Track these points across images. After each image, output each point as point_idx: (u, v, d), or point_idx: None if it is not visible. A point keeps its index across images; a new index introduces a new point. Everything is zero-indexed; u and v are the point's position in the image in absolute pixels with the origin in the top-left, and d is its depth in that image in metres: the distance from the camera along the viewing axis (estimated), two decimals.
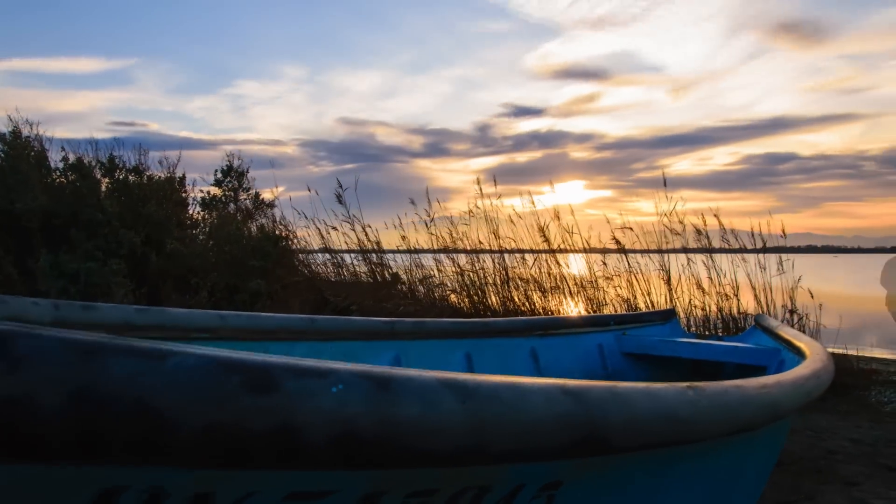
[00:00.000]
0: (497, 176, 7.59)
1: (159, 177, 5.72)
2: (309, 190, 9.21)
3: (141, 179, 5.22)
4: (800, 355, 2.95)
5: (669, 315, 4.49)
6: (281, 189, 8.56)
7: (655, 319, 4.40)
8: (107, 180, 5.04)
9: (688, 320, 6.42)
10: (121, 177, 5.13)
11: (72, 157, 4.99)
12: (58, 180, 4.76)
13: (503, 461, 0.73)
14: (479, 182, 7.43)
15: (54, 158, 5.14)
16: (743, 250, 6.84)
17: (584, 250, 7.56)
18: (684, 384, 1.10)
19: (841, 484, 3.18)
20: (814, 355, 2.32)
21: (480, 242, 7.80)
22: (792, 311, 6.04)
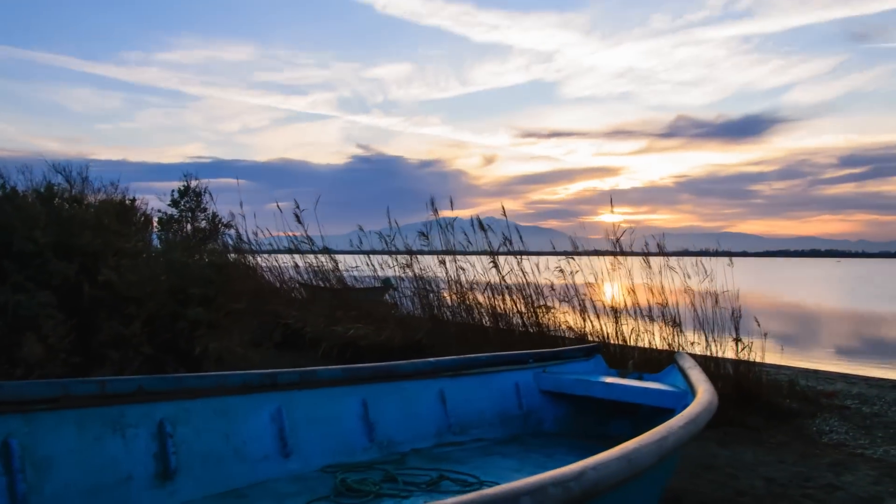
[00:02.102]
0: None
1: (110, 199, 5.74)
2: (278, 206, 9.31)
3: (79, 208, 5.23)
4: None
5: (593, 351, 4.49)
6: (243, 210, 8.67)
7: (578, 355, 4.41)
8: (44, 209, 5.05)
9: (635, 344, 6.41)
10: (60, 205, 5.15)
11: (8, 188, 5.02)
12: None
13: None
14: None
15: None
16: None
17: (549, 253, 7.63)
18: None
19: None
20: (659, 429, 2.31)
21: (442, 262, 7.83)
22: (737, 340, 6.05)
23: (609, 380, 4.04)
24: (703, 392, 3.05)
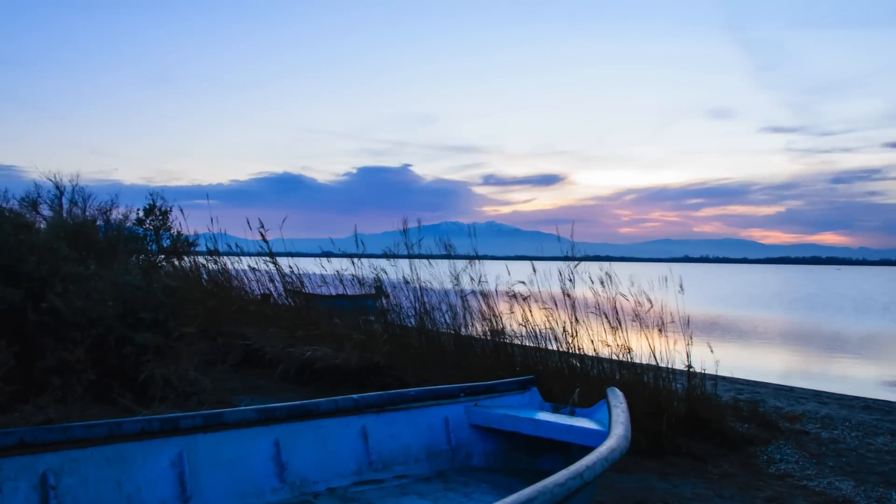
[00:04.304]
0: None
1: (63, 222, 5.77)
2: (248, 224, 9.31)
3: (28, 232, 5.26)
4: None
5: (528, 384, 4.49)
6: (213, 228, 8.70)
7: (512, 389, 4.40)
8: None
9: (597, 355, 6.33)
10: (7, 230, 5.16)
11: None
12: None
13: None
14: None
15: None
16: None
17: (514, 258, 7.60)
18: None
19: None
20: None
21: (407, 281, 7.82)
22: (689, 366, 6.03)
23: (538, 415, 4.03)
24: (610, 438, 3.04)
